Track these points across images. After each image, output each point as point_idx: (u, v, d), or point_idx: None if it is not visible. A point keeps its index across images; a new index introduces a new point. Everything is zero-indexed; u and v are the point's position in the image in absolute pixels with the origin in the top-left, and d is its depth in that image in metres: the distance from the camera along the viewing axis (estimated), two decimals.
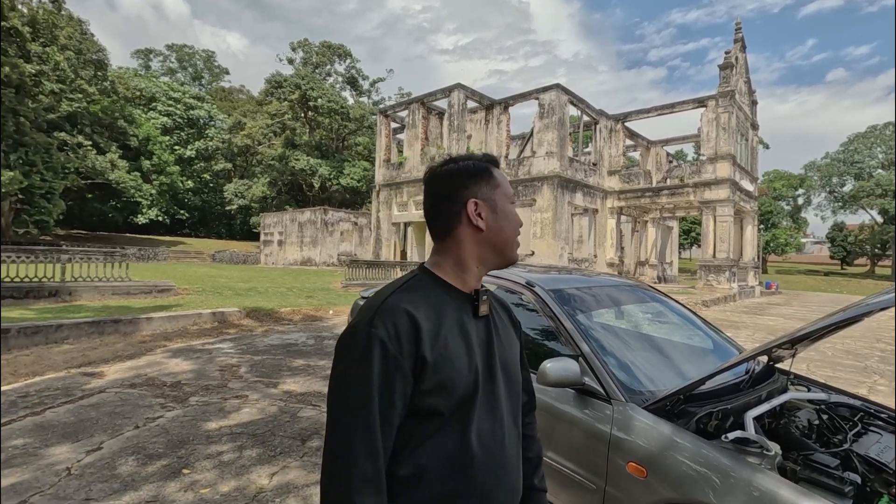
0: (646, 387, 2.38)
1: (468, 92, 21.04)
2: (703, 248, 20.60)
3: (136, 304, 9.76)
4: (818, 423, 2.35)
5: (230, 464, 3.28)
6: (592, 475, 2.19)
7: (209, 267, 27.56)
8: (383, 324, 0.87)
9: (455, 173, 1.01)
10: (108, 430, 3.77)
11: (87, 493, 2.85)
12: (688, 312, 3.46)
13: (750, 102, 23.33)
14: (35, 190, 27.25)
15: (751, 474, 1.74)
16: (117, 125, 38.65)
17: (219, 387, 4.98)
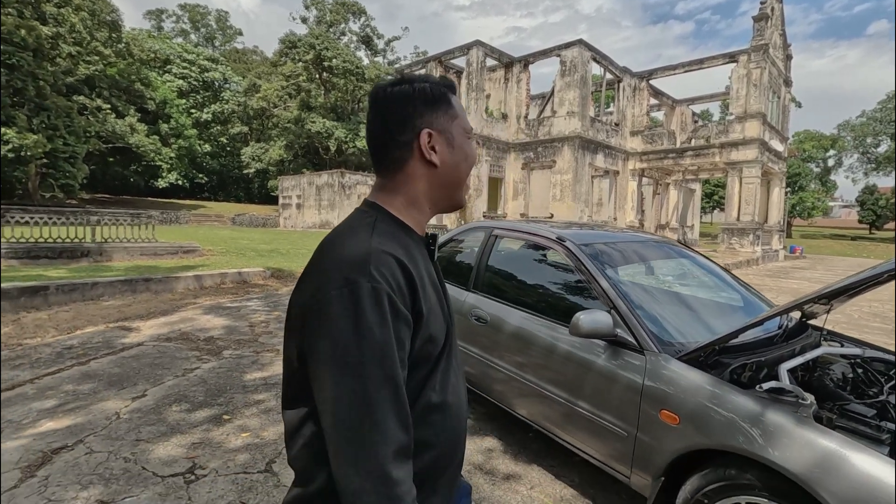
0: (676, 339, 2.39)
1: (487, 49, 20.38)
2: (726, 211, 20.12)
3: (164, 264, 10.03)
4: (853, 377, 2.35)
5: (268, 411, 3.43)
6: (623, 423, 2.24)
7: (230, 230, 28.01)
8: (382, 275, 0.75)
9: (409, 96, 0.87)
10: (150, 380, 3.97)
11: (137, 435, 3.03)
12: (717, 268, 3.42)
13: (784, 57, 22.15)
14: (59, 154, 27.65)
15: (786, 422, 1.76)
16: (134, 88, 38.61)
17: (250, 341, 5.16)
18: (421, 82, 0.89)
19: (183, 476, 2.60)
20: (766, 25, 18.93)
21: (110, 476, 2.57)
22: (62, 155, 27.80)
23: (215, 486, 2.52)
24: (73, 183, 29.54)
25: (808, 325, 2.84)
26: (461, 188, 0.93)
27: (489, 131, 20.15)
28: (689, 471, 2.02)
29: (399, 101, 0.87)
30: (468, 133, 0.94)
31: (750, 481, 1.80)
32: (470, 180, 0.98)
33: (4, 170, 25.32)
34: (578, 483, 2.69)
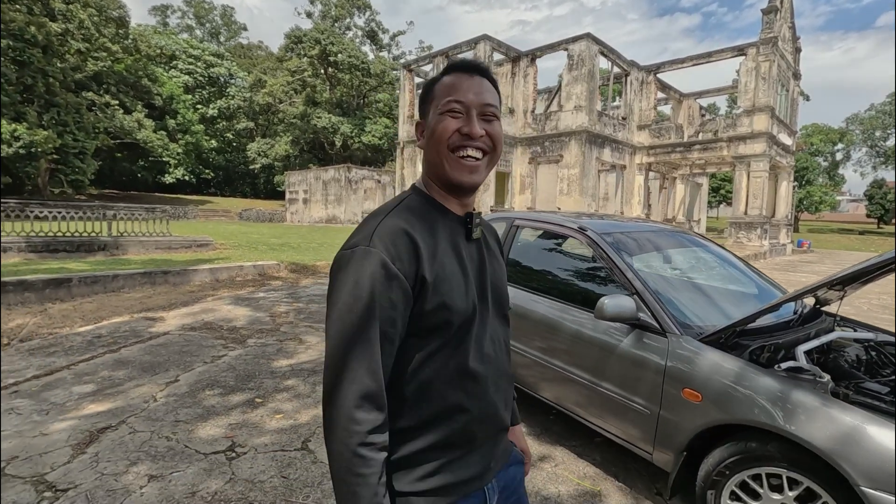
0: (696, 322, 2.50)
1: (494, 44, 20.37)
2: (734, 205, 20.10)
3: (179, 257, 10.21)
4: (866, 358, 2.45)
5: (299, 396, 3.57)
6: (647, 401, 2.36)
7: (238, 224, 28.23)
8: (382, 242, 0.85)
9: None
10: (180, 366, 4.12)
11: (176, 417, 3.17)
12: (731, 256, 3.52)
13: (793, 50, 22.01)
14: (68, 150, 27.92)
15: (804, 397, 1.86)
16: (141, 84, 38.81)
17: (272, 330, 5.31)
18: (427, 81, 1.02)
19: (224, 454, 2.74)
20: (776, 18, 18.82)
21: (156, 453, 2.72)
22: (72, 151, 28.06)
23: (256, 462, 2.66)
24: (82, 178, 29.83)
25: (821, 311, 2.94)
26: (443, 164, 0.94)
27: None
28: (710, 446, 2.14)
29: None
30: (444, 107, 0.93)
31: (770, 453, 1.91)
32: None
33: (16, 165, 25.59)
34: (600, 462, 2.81)
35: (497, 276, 1.06)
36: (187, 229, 18.29)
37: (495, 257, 1.09)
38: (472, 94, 0.93)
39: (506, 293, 1.09)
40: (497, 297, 1.04)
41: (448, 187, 0.96)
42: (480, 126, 0.93)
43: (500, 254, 1.15)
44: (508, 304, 1.11)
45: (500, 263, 1.11)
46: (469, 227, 0.98)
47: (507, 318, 1.10)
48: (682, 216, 26.26)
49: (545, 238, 3.52)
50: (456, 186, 0.95)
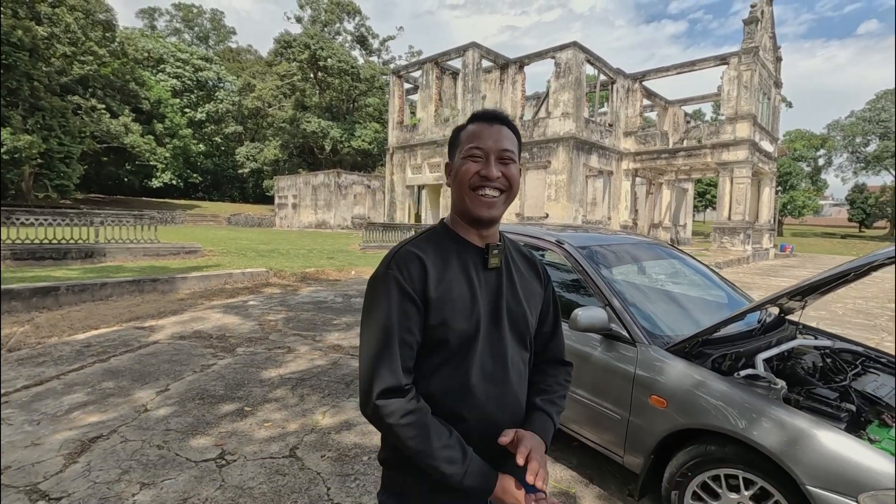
0: (665, 333, 2.64)
1: (483, 51, 20.62)
2: (718, 210, 20.50)
3: (167, 264, 10.21)
4: (822, 365, 2.62)
5: (288, 405, 3.66)
6: (618, 407, 2.50)
7: (226, 230, 28.10)
8: (398, 266, 1.03)
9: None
10: (170, 375, 4.18)
11: (167, 425, 3.25)
12: (704, 268, 3.69)
13: (774, 59, 22.56)
14: (54, 154, 27.63)
15: (758, 403, 2.02)
16: (128, 88, 38.51)
17: (261, 339, 5.38)
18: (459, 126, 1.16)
19: (214, 461, 2.83)
20: (756, 28, 19.30)
21: (147, 462, 2.79)
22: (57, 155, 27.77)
23: (245, 469, 2.75)
24: (67, 183, 29.51)
25: (785, 319, 3.10)
26: (464, 201, 1.08)
27: None
28: (675, 449, 2.28)
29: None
30: (468, 152, 1.07)
31: (727, 455, 2.06)
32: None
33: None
34: (576, 465, 2.94)
35: (516, 303, 1.14)
36: (175, 235, 18.20)
37: (521, 284, 1.17)
38: (492, 140, 1.07)
39: (526, 318, 1.16)
40: (514, 321, 1.13)
41: (469, 221, 1.10)
42: (498, 169, 1.07)
43: (539, 280, 1.24)
44: (528, 330, 1.18)
45: (531, 293, 1.19)
46: (485, 257, 1.11)
47: (524, 341, 1.17)
48: (669, 221, 26.67)
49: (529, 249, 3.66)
50: (476, 220, 1.09)
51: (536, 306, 1.22)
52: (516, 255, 1.23)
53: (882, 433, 1.93)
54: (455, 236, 1.12)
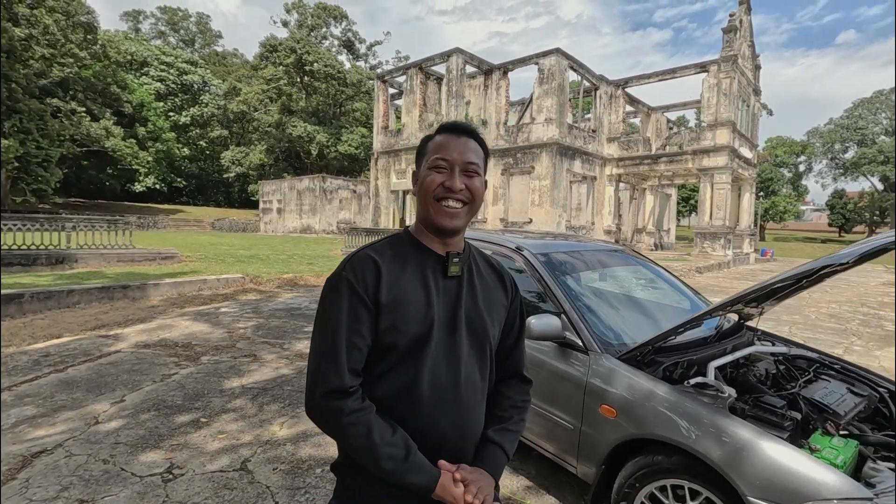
0: (622, 340, 2.62)
1: (467, 57, 20.69)
2: (699, 216, 20.75)
3: (142, 270, 10.01)
4: (775, 372, 2.61)
5: (245, 416, 3.57)
6: (571, 417, 2.46)
7: (209, 235, 27.75)
8: (352, 269, 1.05)
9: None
10: (128, 385, 4.06)
11: (116, 438, 3.14)
12: (668, 275, 3.68)
13: (753, 67, 22.96)
14: (31, 158, 27.09)
15: (703, 412, 1.99)
16: (110, 91, 37.98)
17: (228, 347, 5.27)
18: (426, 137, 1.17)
19: (161, 476, 2.73)
20: (735, 37, 19.63)
21: (90, 477, 2.69)
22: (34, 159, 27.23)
23: (192, 484, 2.66)
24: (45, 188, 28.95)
25: (744, 326, 3.10)
26: (428, 210, 1.08)
27: None
28: (626, 459, 2.25)
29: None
30: (433, 162, 1.08)
31: (674, 466, 2.03)
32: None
33: None
34: (534, 475, 2.90)
35: (476, 311, 1.13)
36: (155, 240, 17.91)
37: (483, 292, 1.16)
38: (457, 153, 1.08)
39: (486, 328, 1.14)
40: (473, 330, 1.12)
41: (433, 230, 1.11)
42: (461, 181, 1.07)
43: (505, 290, 1.22)
44: (488, 339, 1.15)
45: (493, 303, 1.17)
46: (445, 264, 1.11)
47: (484, 351, 1.15)
48: (652, 226, 26.93)
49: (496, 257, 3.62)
50: (439, 229, 1.09)
51: (499, 317, 1.20)
52: (482, 265, 1.22)
53: (823, 442, 1.92)
54: (417, 243, 1.12)
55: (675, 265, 15.86)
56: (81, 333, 5.68)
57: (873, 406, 2.40)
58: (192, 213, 43.50)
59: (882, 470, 1.83)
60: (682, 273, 14.52)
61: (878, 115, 51.11)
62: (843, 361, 2.85)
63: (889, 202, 48.54)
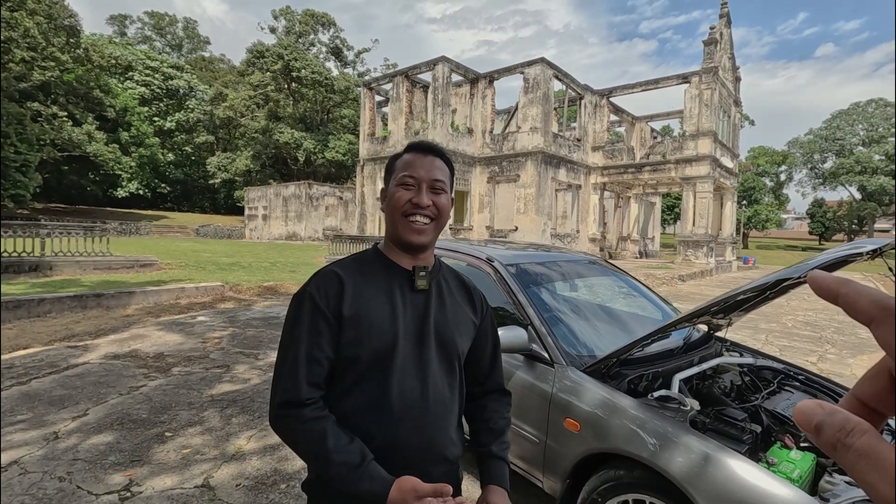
0: (590, 352, 2.61)
1: (453, 65, 20.80)
2: (682, 224, 21.02)
3: (118, 278, 9.81)
4: (740, 384, 2.63)
5: (211, 428, 3.49)
6: (537, 431, 2.44)
7: (193, 241, 27.37)
8: (316, 284, 1.07)
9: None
10: (92, 398, 3.95)
11: (75, 455, 3.04)
12: (640, 286, 3.70)
13: (733, 79, 23.44)
14: (9, 163, 26.53)
15: (664, 426, 1.98)
16: (93, 95, 37.43)
17: (201, 357, 5.17)
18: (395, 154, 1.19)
19: (118, 493, 2.65)
20: (716, 49, 20.04)
21: (43, 496, 2.60)
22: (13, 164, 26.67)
23: (150, 502, 2.58)
24: (23, 193, 28.36)
25: (713, 336, 3.12)
26: (396, 226, 1.11)
27: (455, 145, 20.52)
28: (590, 474, 2.23)
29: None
30: (401, 180, 1.11)
31: (636, 480, 2.02)
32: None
33: None
34: None
35: (444, 325, 1.14)
36: (137, 247, 17.61)
37: (451, 307, 1.17)
38: (424, 170, 1.11)
39: (455, 342, 1.15)
40: (442, 343, 1.12)
41: (401, 246, 1.13)
42: (429, 197, 1.10)
43: (473, 307, 1.24)
44: (457, 354, 1.16)
45: (460, 318, 1.18)
46: (412, 279, 1.12)
47: (452, 365, 1.15)
48: (637, 234, 27.20)
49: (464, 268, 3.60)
50: (407, 245, 1.11)
51: (468, 333, 1.20)
52: (452, 281, 1.23)
53: (781, 455, 1.93)
54: (384, 259, 1.14)
55: (659, 273, 16.01)
56: (50, 344, 5.53)
57: None
58: (177, 220, 42.90)
59: (838, 483, 1.84)
60: (665, 281, 14.66)
61: (855, 127, 52.43)
62: (807, 372, 2.88)
63: (867, 211, 49.70)
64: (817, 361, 6.10)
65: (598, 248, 22.71)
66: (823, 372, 5.57)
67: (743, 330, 7.73)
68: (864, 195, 50.66)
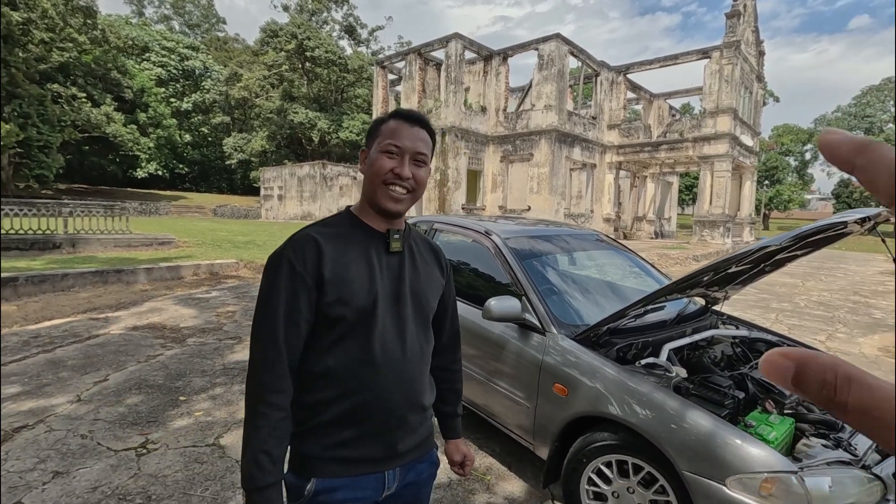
0: (582, 322, 2.67)
1: (466, 42, 20.47)
2: (698, 204, 20.65)
3: (138, 255, 10.11)
4: (730, 355, 2.67)
5: (222, 394, 3.67)
6: (528, 396, 2.53)
7: (210, 221, 27.85)
8: (293, 248, 1.08)
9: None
10: (112, 365, 4.16)
11: (96, 415, 3.24)
12: (645, 264, 3.72)
13: (757, 53, 22.63)
14: (32, 143, 27.13)
15: (647, 391, 2.05)
16: (111, 76, 37.82)
17: (214, 329, 5.36)
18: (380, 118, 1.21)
19: (135, 450, 2.83)
20: (738, 22, 19.33)
21: (67, 451, 2.79)
22: (36, 144, 27.28)
23: (164, 458, 2.76)
24: (47, 173, 29.05)
25: (709, 309, 3.15)
26: (375, 192, 1.13)
27: (468, 124, 20.34)
28: (576, 437, 2.32)
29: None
30: (385, 147, 1.12)
31: (618, 442, 2.10)
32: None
33: None
34: (499, 453, 2.98)
35: (420, 286, 1.20)
36: (156, 226, 18.03)
37: (423, 269, 1.23)
38: (409, 140, 1.13)
39: (428, 301, 1.23)
40: (417, 303, 1.19)
41: (377, 210, 1.15)
42: (410, 169, 1.13)
43: (440, 268, 1.31)
44: (430, 311, 1.24)
45: (431, 278, 1.25)
46: (387, 241, 1.16)
47: (426, 322, 1.23)
48: (653, 214, 26.82)
49: (463, 241, 3.67)
50: (383, 211, 1.14)
51: (437, 292, 1.27)
52: (421, 244, 1.29)
53: (760, 419, 1.98)
54: (358, 222, 1.17)
55: (673, 253, 15.85)
56: (73, 316, 5.79)
57: None
58: (195, 200, 43.59)
59: (814, 446, 1.90)
60: (678, 261, 14.53)
61: (886, 103, 50.39)
62: (802, 344, 2.90)
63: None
64: (826, 340, 6.06)
65: (613, 229, 22.49)
66: (830, 350, 5.54)
67: (753, 309, 7.69)
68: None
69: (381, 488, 1.17)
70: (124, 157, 40.40)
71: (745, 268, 2.50)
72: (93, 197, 31.96)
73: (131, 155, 39.79)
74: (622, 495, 2.14)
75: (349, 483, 1.12)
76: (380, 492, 1.17)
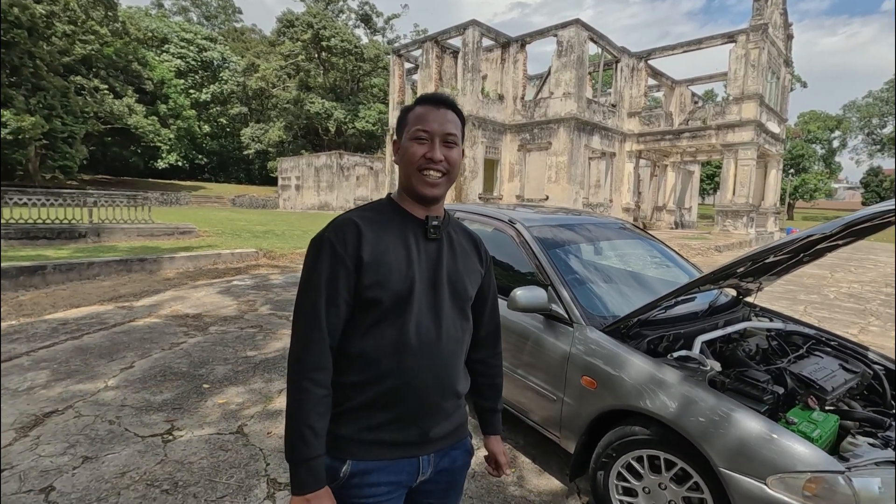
0: (610, 313, 2.60)
1: (483, 29, 20.18)
2: (721, 193, 20.17)
3: (160, 244, 10.28)
4: (766, 348, 2.57)
5: (245, 381, 3.69)
6: (554, 388, 2.47)
7: (229, 211, 28.22)
8: (334, 231, 1.11)
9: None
10: (138, 352, 4.23)
11: (123, 401, 3.29)
12: (668, 251, 3.62)
13: (785, 37, 21.85)
14: (57, 134, 27.72)
15: (681, 384, 1.98)
16: (131, 68, 38.35)
17: (236, 318, 5.41)
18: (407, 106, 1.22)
19: (162, 437, 2.86)
20: (766, 5, 18.66)
21: (95, 436, 2.83)
22: (60, 135, 27.88)
23: (190, 445, 2.78)
24: (71, 164, 29.70)
25: (741, 301, 3.04)
26: (410, 180, 1.15)
27: (485, 112, 20.12)
28: (605, 430, 2.26)
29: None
30: (414, 134, 1.14)
31: (650, 437, 2.03)
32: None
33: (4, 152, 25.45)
34: (522, 445, 2.94)
35: (458, 274, 1.21)
36: (176, 216, 18.31)
37: (461, 257, 1.24)
38: (437, 124, 1.14)
39: (466, 289, 1.23)
40: (454, 289, 1.19)
41: (414, 197, 1.17)
42: (441, 152, 1.14)
43: (479, 257, 1.31)
44: (467, 299, 1.24)
45: (469, 266, 1.26)
46: (426, 227, 1.17)
47: (464, 310, 1.24)
48: (673, 204, 26.31)
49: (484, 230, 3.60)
50: (421, 198, 1.16)
51: (475, 281, 1.28)
52: (460, 232, 1.30)
53: (802, 416, 1.89)
54: (398, 209, 1.19)
55: (695, 243, 15.54)
56: (99, 304, 5.90)
57: (866, 383, 2.35)
58: (214, 190, 44.20)
59: (860, 444, 1.80)
60: (700, 251, 14.23)
61: None
62: (840, 338, 2.78)
63: None
64: (858, 333, 5.87)
65: (633, 218, 22.12)
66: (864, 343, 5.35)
67: (781, 300, 7.48)
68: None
69: (416, 473, 1.17)
70: (146, 148, 41.09)
71: (783, 258, 2.39)
72: (115, 187, 32.63)
73: (152, 146, 40.44)
74: (653, 491, 2.08)
75: (384, 466, 1.13)
76: (414, 477, 1.17)
